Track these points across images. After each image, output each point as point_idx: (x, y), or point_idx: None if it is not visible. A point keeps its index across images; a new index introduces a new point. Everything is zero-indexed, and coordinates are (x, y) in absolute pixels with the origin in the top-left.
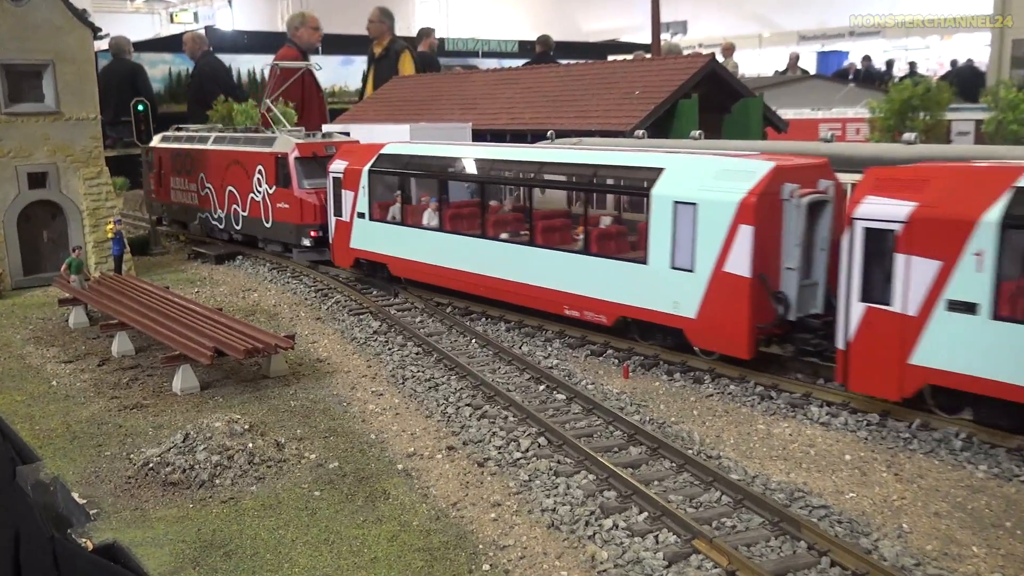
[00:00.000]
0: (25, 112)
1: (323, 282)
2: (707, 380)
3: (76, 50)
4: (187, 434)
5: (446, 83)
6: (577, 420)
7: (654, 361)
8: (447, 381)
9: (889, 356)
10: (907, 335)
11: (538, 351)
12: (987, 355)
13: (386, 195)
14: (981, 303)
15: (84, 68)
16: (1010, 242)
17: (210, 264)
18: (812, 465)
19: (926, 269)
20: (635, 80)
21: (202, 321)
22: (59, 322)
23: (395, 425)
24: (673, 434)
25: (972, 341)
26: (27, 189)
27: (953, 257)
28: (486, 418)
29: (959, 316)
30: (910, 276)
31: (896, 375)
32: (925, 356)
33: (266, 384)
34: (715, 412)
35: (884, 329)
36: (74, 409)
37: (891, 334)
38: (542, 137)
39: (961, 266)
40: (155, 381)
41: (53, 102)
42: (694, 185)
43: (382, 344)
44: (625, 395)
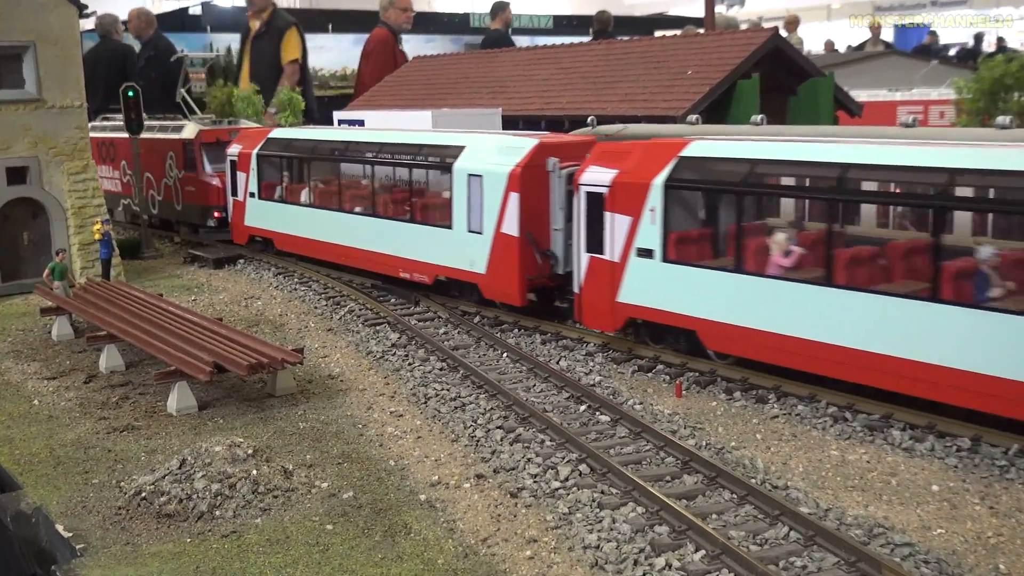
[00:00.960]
0: (3, 100)
1: (335, 289)
2: (772, 399)
3: (60, 30)
4: (184, 460)
5: (472, 63)
6: (623, 445)
7: (711, 378)
8: (475, 400)
9: (604, 296)
10: (615, 279)
11: (578, 366)
12: (662, 292)
13: (272, 176)
14: (655, 249)
15: (68, 50)
16: (672, 200)
17: (208, 268)
18: (894, 497)
19: (623, 223)
20: (687, 58)
21: (200, 333)
22: (41, 334)
23: (417, 450)
24: (733, 461)
25: (653, 280)
26: (5, 185)
27: (638, 213)
28: (520, 442)
29: (644, 260)
30: (614, 230)
31: (610, 312)
32: (626, 295)
33: (272, 404)
34: (781, 436)
35: (601, 274)
36: (58, 431)
37: (605, 278)
38: (581, 124)
39: (643, 220)
40: (148, 400)
41: (34, 88)
42: (482, 160)
43: (401, 359)
44: (678, 416)
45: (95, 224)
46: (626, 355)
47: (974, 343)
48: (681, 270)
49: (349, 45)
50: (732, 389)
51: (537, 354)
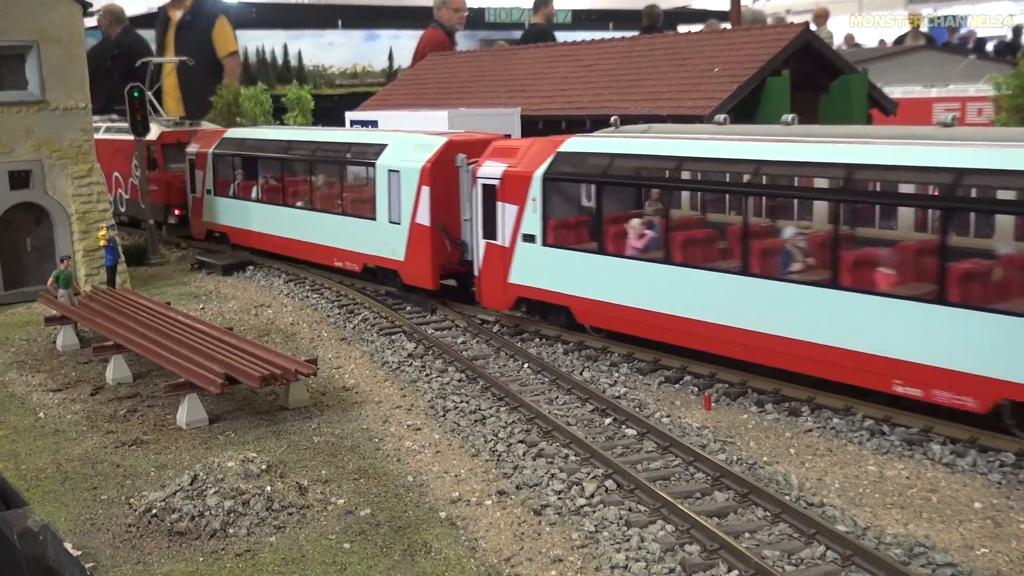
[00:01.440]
0: (5, 101)
1: (348, 296)
2: (805, 412)
3: (63, 28)
4: (195, 475)
5: (490, 61)
6: (651, 460)
7: (741, 389)
8: (496, 413)
9: (499, 278)
10: (506, 262)
11: (602, 377)
12: (544, 273)
13: (227, 173)
14: (537, 235)
15: (72, 49)
16: (549, 190)
17: (216, 275)
18: (935, 514)
19: (511, 212)
20: (713, 55)
21: (210, 343)
22: (45, 344)
23: (436, 465)
24: (766, 477)
25: (536, 263)
26: (8, 190)
27: (523, 202)
28: (543, 457)
29: (528, 245)
30: (505, 217)
31: (502, 292)
32: (515, 276)
33: (284, 417)
34: (816, 450)
35: (495, 258)
36: (65, 445)
37: (498, 262)
38: (604, 123)
39: (527, 209)
40: (156, 413)
41: (37, 89)
42: (400, 157)
43: (418, 369)
44: (707, 430)
45: (100, 230)
46: (652, 365)
47: (779, 310)
48: (558, 253)
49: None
50: (763, 401)
51: (559, 364)
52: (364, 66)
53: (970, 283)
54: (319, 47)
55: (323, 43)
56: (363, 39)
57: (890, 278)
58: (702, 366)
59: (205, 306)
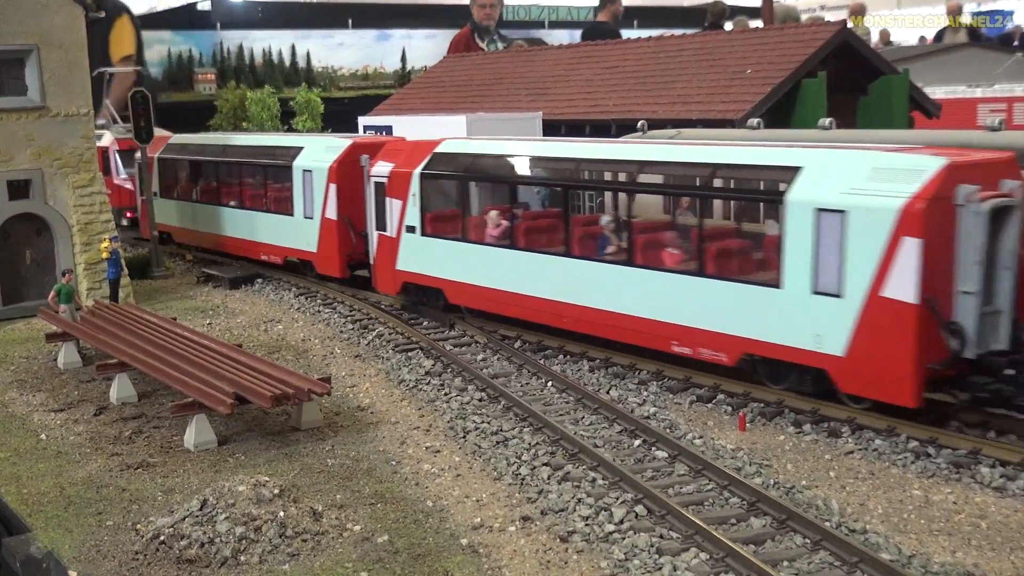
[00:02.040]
0: (4, 108)
1: (362, 311)
2: (845, 432)
3: (65, 32)
4: (205, 500)
5: (509, 62)
6: (683, 484)
7: (777, 409)
8: (519, 434)
9: (389, 266)
10: (393, 251)
11: (631, 396)
12: (423, 260)
13: (172, 177)
14: (417, 226)
15: (74, 54)
16: (426, 186)
17: (224, 289)
18: (984, 542)
19: (397, 206)
20: (745, 55)
21: (218, 360)
22: (46, 361)
23: (456, 489)
24: (805, 502)
25: (417, 251)
26: (6, 200)
27: (406, 197)
28: (569, 481)
29: (410, 235)
30: (392, 211)
31: (392, 278)
32: (401, 263)
33: (297, 438)
34: (857, 474)
35: (385, 248)
36: (68, 468)
37: (388, 251)
38: (630, 128)
39: (409, 203)
40: (163, 434)
41: (38, 95)
42: (313, 158)
43: (437, 388)
44: (742, 452)
45: (103, 241)
46: (683, 384)
47: (591, 286)
48: (433, 242)
49: (371, 41)
50: (801, 421)
51: (585, 383)
52: (375, 67)
53: (719, 259)
54: (328, 48)
55: (332, 43)
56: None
57: (669, 257)
58: (736, 384)
59: (212, 321)
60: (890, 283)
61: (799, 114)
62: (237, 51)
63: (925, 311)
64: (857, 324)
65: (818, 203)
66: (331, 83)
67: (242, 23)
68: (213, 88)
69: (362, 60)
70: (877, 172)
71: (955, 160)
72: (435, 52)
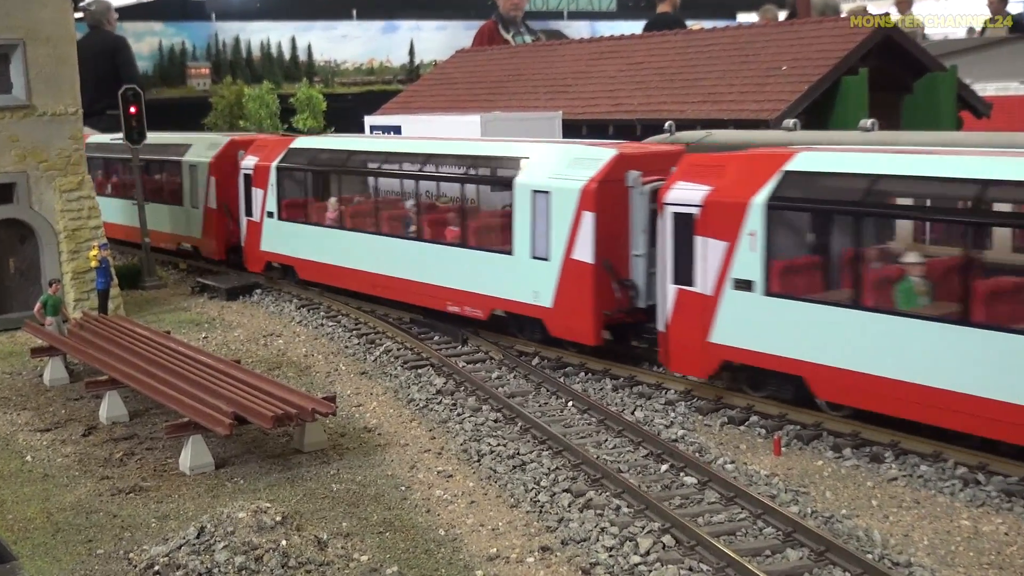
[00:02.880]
0: None
1: (369, 324)
2: (888, 458)
3: (53, 26)
4: (202, 527)
5: (527, 57)
6: (714, 512)
7: (815, 432)
8: (537, 458)
9: (255, 246)
10: (258, 234)
11: (657, 417)
12: (279, 243)
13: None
14: (275, 212)
15: (62, 49)
16: (284, 178)
17: (220, 300)
18: None
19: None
20: (780, 51)
21: (216, 377)
22: (31, 377)
23: (470, 517)
24: (845, 532)
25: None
26: None
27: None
28: (591, 509)
29: (270, 220)
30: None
31: (258, 258)
32: (265, 245)
33: (299, 461)
34: (901, 502)
35: (252, 232)
36: (55, 492)
37: (254, 234)
38: (656, 129)
39: (268, 192)
40: (156, 457)
41: (23, 93)
42: (198, 154)
43: (449, 408)
44: (777, 478)
45: (91, 249)
46: (713, 404)
47: (399, 260)
48: (287, 226)
49: (376, 33)
50: (841, 445)
51: (608, 402)
52: (382, 61)
53: (477, 233)
54: (331, 40)
55: (336, 36)
56: (380, 31)
57: (449, 233)
58: (770, 405)
59: (208, 335)
60: (577, 248)
61: (839, 114)
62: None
63: (601, 269)
64: (558, 281)
65: (532, 185)
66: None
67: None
68: (208, 84)
69: (367, 53)
70: (574, 161)
71: (624, 151)
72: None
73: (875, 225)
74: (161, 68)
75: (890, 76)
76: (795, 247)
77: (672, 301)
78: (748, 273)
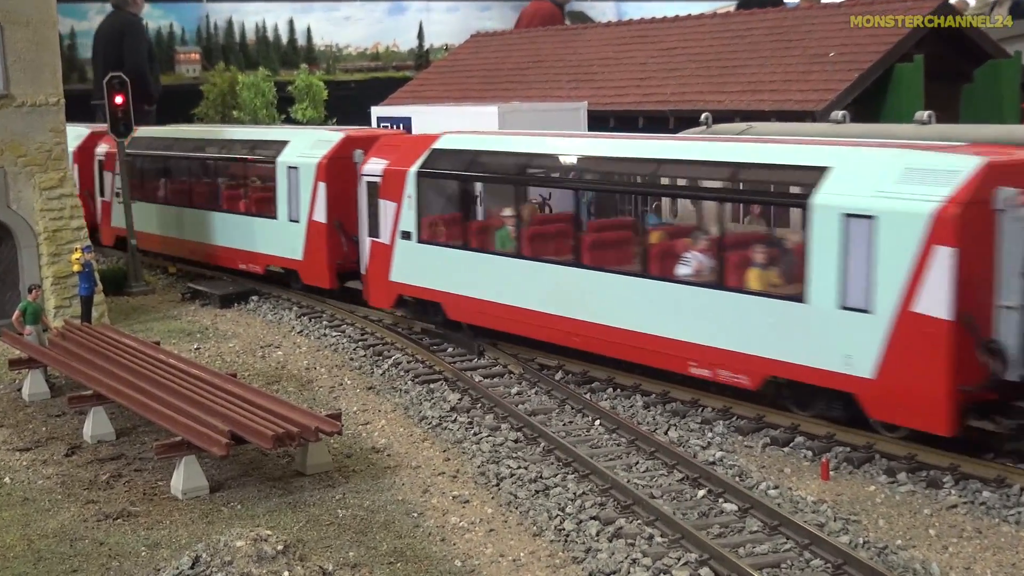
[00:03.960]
0: None
1: (376, 335)
2: (947, 483)
3: (32, 7)
4: (197, 557)
5: (548, 42)
6: (756, 542)
7: (866, 455)
8: (562, 482)
9: None
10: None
11: (692, 437)
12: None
13: None
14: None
15: (42, 33)
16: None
17: (213, 307)
18: None
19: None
20: (827, 36)
21: (210, 393)
22: (9, 392)
23: (489, 546)
24: (900, 564)
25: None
26: None
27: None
28: (621, 538)
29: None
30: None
31: None
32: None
33: (301, 484)
34: (962, 531)
35: None
36: (36, 518)
37: None
38: (691, 122)
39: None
40: (146, 479)
41: (0, 82)
42: None
43: (464, 427)
44: (825, 505)
45: (74, 252)
46: (755, 423)
47: (226, 232)
48: (145, 207)
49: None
50: (895, 469)
51: (638, 421)
52: (388, 46)
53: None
54: (332, 23)
55: (337, 18)
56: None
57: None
58: (817, 426)
59: (201, 346)
60: (315, 211)
61: (891, 105)
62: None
63: (333, 228)
64: (305, 239)
65: (287, 163)
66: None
67: None
68: (198, 70)
69: (372, 37)
70: (316, 142)
71: (351, 135)
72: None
73: (482, 188)
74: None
75: (948, 64)
76: (436, 206)
77: (368, 251)
78: (408, 226)
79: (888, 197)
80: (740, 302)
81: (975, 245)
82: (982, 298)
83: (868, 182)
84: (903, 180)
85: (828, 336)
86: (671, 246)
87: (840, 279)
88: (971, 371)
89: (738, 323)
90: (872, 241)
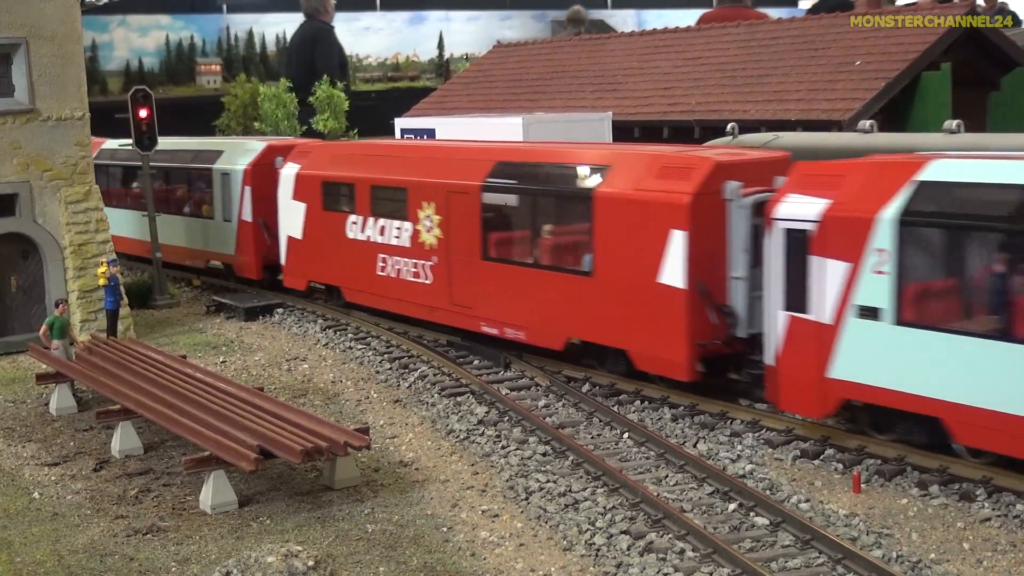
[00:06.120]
0: None
1: (402, 347)
2: (980, 496)
3: (58, 22)
4: (227, 572)
5: (572, 52)
6: (788, 556)
7: (898, 467)
8: (591, 496)
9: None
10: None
11: (722, 450)
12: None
13: None
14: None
15: (68, 48)
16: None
17: (238, 320)
18: None
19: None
20: (853, 45)
21: (238, 407)
22: (36, 406)
23: (520, 561)
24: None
25: None
26: None
27: None
28: (652, 552)
29: None
30: None
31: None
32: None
33: (330, 499)
34: (996, 545)
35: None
36: (66, 533)
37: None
38: (717, 132)
39: None
40: (175, 493)
41: (26, 96)
42: None
43: (492, 440)
44: (857, 518)
45: (100, 266)
46: (785, 436)
47: None
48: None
49: (402, 25)
50: (927, 482)
51: (667, 434)
52: (408, 56)
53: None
54: (353, 33)
55: (358, 28)
56: (406, 23)
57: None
58: (847, 437)
59: (227, 359)
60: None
61: (919, 113)
62: (247, 38)
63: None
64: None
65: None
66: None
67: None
68: (219, 81)
69: (392, 47)
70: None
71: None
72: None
73: None
74: (168, 65)
75: (975, 71)
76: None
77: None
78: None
79: (230, 164)
80: None
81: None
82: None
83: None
84: (241, 155)
85: None
86: None
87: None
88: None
89: None
90: (230, 186)
